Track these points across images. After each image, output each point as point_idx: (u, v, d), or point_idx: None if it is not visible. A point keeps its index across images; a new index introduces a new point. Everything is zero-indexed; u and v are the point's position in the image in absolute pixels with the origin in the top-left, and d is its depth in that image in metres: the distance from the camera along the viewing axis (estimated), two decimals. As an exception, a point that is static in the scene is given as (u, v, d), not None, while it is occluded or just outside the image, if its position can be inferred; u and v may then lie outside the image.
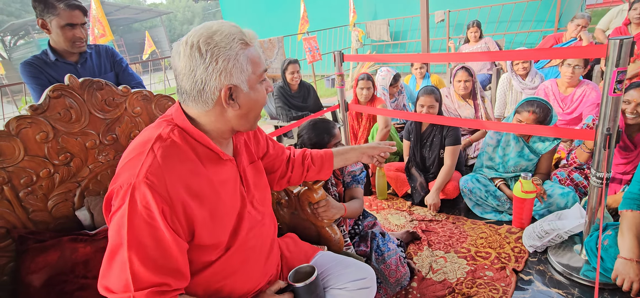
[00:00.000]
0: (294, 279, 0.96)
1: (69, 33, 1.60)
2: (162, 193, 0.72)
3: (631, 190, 1.46)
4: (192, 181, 0.78)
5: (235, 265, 0.90)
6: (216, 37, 0.76)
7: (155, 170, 0.73)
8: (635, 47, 2.80)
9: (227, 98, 0.79)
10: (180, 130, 0.81)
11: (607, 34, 3.89)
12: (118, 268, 0.71)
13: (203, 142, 0.82)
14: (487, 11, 6.64)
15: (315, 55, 5.59)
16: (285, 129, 2.59)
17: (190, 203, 0.77)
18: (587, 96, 2.43)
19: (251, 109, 0.84)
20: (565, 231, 1.68)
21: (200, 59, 0.75)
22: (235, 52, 0.77)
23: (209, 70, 0.75)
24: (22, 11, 21.80)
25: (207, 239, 0.82)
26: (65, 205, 1.07)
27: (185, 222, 0.77)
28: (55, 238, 1.00)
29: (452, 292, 1.60)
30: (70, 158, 1.05)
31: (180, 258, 0.76)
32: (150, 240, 0.71)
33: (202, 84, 0.76)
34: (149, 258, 0.71)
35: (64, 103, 1.02)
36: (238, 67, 0.78)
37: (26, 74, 1.63)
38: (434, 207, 2.25)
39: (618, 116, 1.34)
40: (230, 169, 0.90)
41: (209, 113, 0.81)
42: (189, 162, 0.79)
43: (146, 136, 0.80)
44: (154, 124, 0.85)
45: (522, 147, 2.10)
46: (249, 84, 0.81)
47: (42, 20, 1.58)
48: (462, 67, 2.72)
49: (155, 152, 0.75)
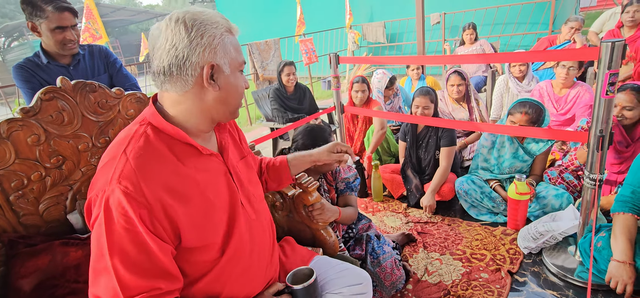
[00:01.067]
0: (292, 281, 0.95)
1: (59, 36, 1.57)
2: (138, 198, 0.69)
3: (623, 192, 1.47)
4: (171, 181, 0.75)
5: (236, 269, 0.87)
6: (203, 17, 0.75)
7: (128, 174, 0.70)
8: (628, 49, 2.84)
9: (208, 77, 0.76)
10: (154, 128, 0.78)
11: (601, 37, 3.93)
12: (104, 278, 0.69)
13: (179, 137, 0.79)
14: (482, 14, 6.69)
15: (312, 57, 5.60)
16: (281, 131, 2.59)
17: (171, 204, 0.74)
18: (581, 97, 2.45)
19: (230, 94, 0.82)
20: (559, 232, 1.69)
21: (185, 33, 0.73)
22: (221, 33, 0.77)
23: (193, 44, 0.73)
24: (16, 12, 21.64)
25: (196, 240, 0.79)
26: (56, 208, 1.06)
27: (168, 225, 0.74)
28: (46, 242, 0.98)
29: (447, 294, 1.60)
30: (62, 161, 1.04)
31: (167, 261, 0.73)
32: (131, 246, 0.69)
33: (184, 59, 0.74)
34: (133, 264, 0.69)
35: (56, 105, 1.01)
36: (222, 47, 0.77)
37: (18, 77, 1.61)
38: (429, 209, 2.26)
39: (611, 118, 1.35)
40: (215, 165, 0.86)
41: (186, 95, 0.78)
42: (166, 161, 0.76)
43: (119, 139, 0.78)
44: (127, 127, 0.82)
45: (516, 148, 2.11)
46: (230, 67, 0.80)
47: (31, 23, 1.55)
48: (455, 71, 2.73)
49: (128, 155, 0.72)
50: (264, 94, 3.89)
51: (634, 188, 1.44)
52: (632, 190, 1.44)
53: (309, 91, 3.42)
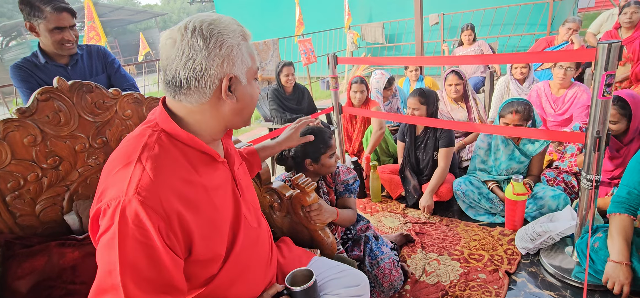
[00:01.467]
0: (291, 283, 0.94)
1: (58, 36, 1.57)
2: (157, 209, 0.66)
3: (619, 193, 1.47)
4: (186, 190, 0.72)
5: (237, 274, 0.87)
6: (219, 25, 0.72)
7: (146, 184, 0.66)
8: (625, 50, 2.85)
9: (226, 89, 0.74)
10: (167, 135, 0.75)
11: (598, 38, 3.94)
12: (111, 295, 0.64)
13: (194, 145, 0.76)
14: (480, 14, 6.70)
15: (310, 57, 5.60)
16: (279, 131, 2.59)
17: (185, 215, 0.71)
18: (578, 98, 2.46)
19: (247, 105, 0.80)
20: (556, 233, 1.69)
21: (203, 44, 0.70)
22: (238, 42, 0.74)
23: (212, 56, 0.70)
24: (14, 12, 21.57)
25: (205, 253, 0.76)
26: (53, 209, 1.05)
27: (181, 237, 0.71)
28: (42, 243, 0.98)
29: (445, 295, 1.60)
30: (58, 162, 1.04)
31: (176, 274, 0.70)
32: (144, 260, 0.65)
33: (202, 72, 0.71)
34: (143, 279, 0.65)
35: (52, 106, 1.01)
36: (240, 58, 0.75)
37: (16, 77, 1.60)
38: (427, 209, 2.26)
39: (607, 119, 1.35)
40: (223, 172, 0.85)
41: (203, 107, 0.75)
42: (181, 169, 0.73)
43: (130, 146, 0.73)
44: (136, 132, 0.77)
45: (512, 149, 2.12)
46: (247, 77, 0.78)
47: (30, 23, 1.55)
48: (453, 71, 2.74)
49: (144, 164, 0.69)
50: (263, 94, 3.88)
51: (630, 189, 1.44)
52: (628, 191, 1.45)
53: (307, 91, 3.42)
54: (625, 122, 1.76)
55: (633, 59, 2.94)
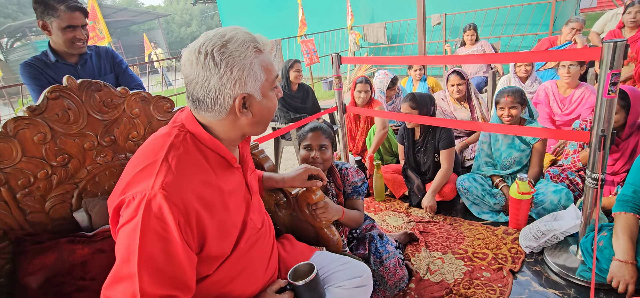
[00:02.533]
0: (294, 278, 0.95)
1: (70, 34, 1.60)
2: (179, 205, 0.71)
3: (624, 192, 1.47)
4: (204, 191, 0.77)
5: (237, 271, 0.89)
6: (230, 46, 0.74)
7: (171, 180, 0.71)
8: (629, 49, 2.85)
9: (240, 107, 0.78)
10: (192, 136, 0.80)
11: (602, 37, 3.93)
12: (125, 282, 0.68)
13: (215, 149, 0.82)
14: (483, 14, 6.70)
15: (313, 57, 5.61)
16: (283, 131, 2.60)
17: (202, 214, 0.75)
18: (586, 99, 2.46)
19: (263, 117, 0.83)
20: (561, 232, 1.69)
21: (214, 69, 0.73)
22: (250, 61, 0.76)
23: (224, 80, 0.74)
24: (19, 13, 21.70)
25: (215, 250, 0.81)
26: (62, 206, 1.07)
27: (197, 234, 0.75)
28: (52, 240, 0.99)
29: (449, 293, 1.60)
30: (68, 159, 1.05)
31: (189, 271, 0.74)
32: (161, 254, 0.69)
33: (216, 94, 0.75)
34: (158, 272, 0.69)
35: (62, 104, 1.02)
36: (252, 76, 0.77)
37: (26, 75, 1.62)
38: (430, 209, 2.26)
39: (612, 118, 1.35)
40: (237, 177, 0.89)
41: (221, 122, 0.80)
42: (202, 171, 0.78)
43: (157, 144, 0.78)
44: (163, 130, 0.83)
45: (512, 138, 2.13)
46: (262, 92, 0.80)
47: (42, 21, 1.57)
48: (454, 71, 2.75)
49: (170, 162, 0.74)
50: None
51: (636, 187, 1.44)
52: (633, 189, 1.45)
53: (312, 91, 3.44)
54: (623, 114, 1.78)
55: (637, 59, 2.94)
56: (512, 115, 2.07)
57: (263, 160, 1.37)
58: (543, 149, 2.11)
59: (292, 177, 1.21)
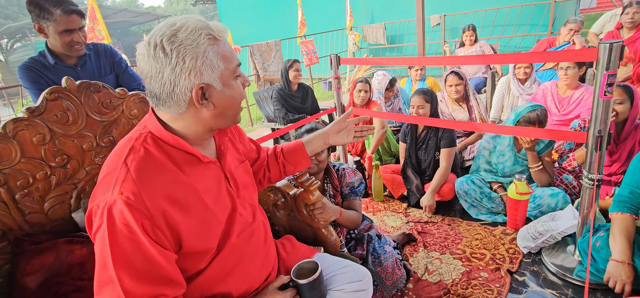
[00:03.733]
0: (297, 275, 0.94)
1: (67, 38, 1.58)
2: (140, 208, 0.70)
3: (621, 192, 1.48)
4: (172, 190, 0.75)
5: (230, 267, 0.89)
6: (180, 35, 0.71)
7: (129, 185, 0.70)
8: (626, 50, 2.85)
9: (199, 98, 0.74)
10: (154, 137, 0.78)
11: (601, 38, 3.94)
12: (109, 287, 0.69)
13: (179, 146, 0.79)
14: (482, 15, 6.71)
15: (313, 58, 5.62)
16: (282, 131, 2.60)
17: (172, 213, 0.74)
18: (585, 100, 2.46)
19: (228, 107, 0.79)
20: (558, 232, 1.70)
21: (165, 60, 0.71)
22: (203, 49, 0.72)
23: (177, 70, 0.71)
24: (20, 14, 21.71)
25: (197, 246, 0.80)
26: (61, 207, 1.07)
27: (169, 233, 0.74)
28: (51, 240, 1.00)
29: (447, 293, 1.61)
30: (67, 160, 1.06)
31: (170, 268, 0.74)
32: (136, 256, 0.70)
33: (172, 86, 0.72)
34: (137, 272, 0.70)
35: (61, 105, 1.03)
36: (208, 65, 0.73)
37: (25, 78, 1.60)
38: (429, 209, 2.27)
39: (609, 118, 1.36)
40: (214, 172, 0.86)
41: (183, 116, 0.77)
42: (166, 171, 0.76)
43: (119, 149, 0.78)
44: (127, 135, 0.81)
45: (514, 153, 2.12)
46: (222, 81, 0.76)
47: (38, 25, 1.55)
48: (452, 72, 2.76)
49: (129, 166, 0.72)
50: (266, 94, 3.91)
51: (633, 188, 1.45)
52: (630, 190, 1.45)
53: (311, 91, 3.45)
54: (629, 104, 1.80)
55: (634, 59, 2.95)
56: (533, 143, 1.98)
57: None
58: (551, 158, 2.07)
59: (330, 126, 1.17)
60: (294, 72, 3.23)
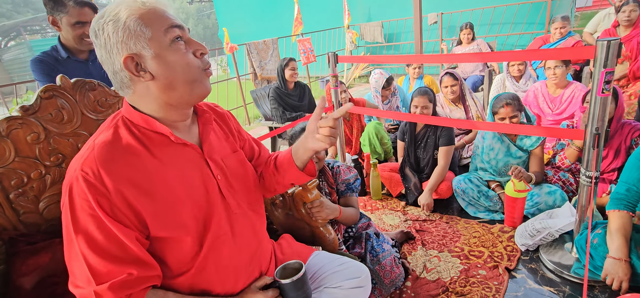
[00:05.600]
0: (281, 276, 0.93)
1: (79, 30, 1.61)
2: (97, 185, 0.71)
3: (618, 190, 1.48)
4: (135, 174, 0.75)
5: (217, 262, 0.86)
6: (105, 14, 0.72)
7: (90, 162, 0.72)
8: (623, 48, 2.86)
9: (134, 70, 0.73)
10: (125, 120, 0.80)
11: (595, 37, 3.96)
12: (77, 263, 0.72)
13: (148, 126, 0.79)
14: (479, 13, 6.72)
15: (310, 56, 5.60)
16: (279, 130, 2.59)
17: (134, 194, 0.74)
18: (577, 97, 2.47)
19: (172, 75, 0.74)
20: (556, 229, 1.70)
21: (98, 42, 0.73)
22: (123, 19, 0.70)
23: (108, 48, 0.72)
24: (13, 12, 21.51)
25: (163, 231, 0.78)
26: (56, 206, 1.06)
27: (131, 214, 0.74)
28: (46, 240, 0.99)
29: (445, 291, 1.61)
30: (62, 159, 1.04)
31: (134, 247, 0.73)
32: (97, 232, 0.71)
33: (112, 65, 0.74)
34: (100, 249, 0.71)
35: (55, 104, 1.01)
36: (130, 33, 0.71)
37: (38, 71, 1.63)
38: (427, 207, 2.27)
39: (606, 116, 1.36)
40: (190, 156, 0.84)
41: (137, 94, 0.77)
42: (132, 153, 0.76)
43: (94, 135, 0.80)
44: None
45: (507, 146, 2.13)
46: (153, 48, 0.72)
47: (52, 17, 1.59)
48: (447, 73, 2.77)
49: (95, 145, 0.75)
50: (263, 93, 3.89)
51: (629, 186, 1.45)
52: (627, 188, 1.46)
53: (308, 89, 3.44)
54: (614, 105, 1.81)
55: (631, 57, 2.96)
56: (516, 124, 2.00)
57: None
58: (542, 153, 2.09)
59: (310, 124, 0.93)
60: (290, 71, 3.21)
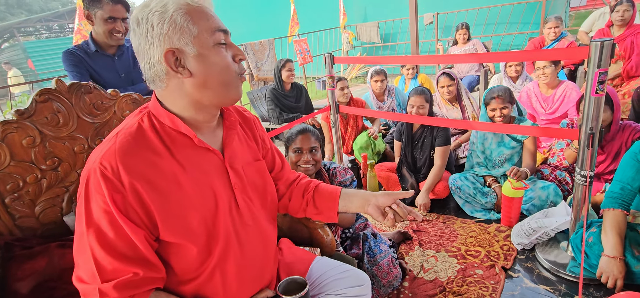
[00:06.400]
0: (284, 291, 0.91)
1: (111, 25, 1.73)
2: (113, 180, 0.70)
3: (612, 189, 1.50)
4: (152, 172, 0.73)
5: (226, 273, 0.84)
6: (152, 4, 0.72)
7: (109, 156, 0.70)
8: (617, 48, 2.89)
9: (173, 65, 0.72)
10: (151, 116, 0.78)
11: (591, 36, 3.99)
12: (84, 257, 0.71)
13: (173, 124, 0.77)
14: (474, 14, 6.75)
15: (306, 57, 5.61)
16: (276, 132, 2.59)
17: (148, 193, 0.72)
18: (568, 96, 2.50)
19: (210, 76, 0.75)
20: (552, 228, 1.72)
21: (139, 31, 0.72)
22: (171, 12, 0.70)
23: (148, 39, 0.71)
24: (7, 14, 21.31)
25: (172, 235, 0.76)
26: (53, 210, 1.05)
27: (143, 212, 0.73)
28: (42, 244, 0.98)
29: (443, 291, 1.62)
30: (58, 163, 1.04)
31: (143, 247, 0.72)
32: (108, 227, 0.70)
33: (150, 57, 0.73)
34: (109, 245, 0.70)
35: (51, 107, 1.01)
36: (176, 28, 0.71)
37: (68, 62, 1.75)
38: (424, 207, 2.28)
39: (600, 115, 1.38)
40: (211, 162, 0.83)
41: (169, 90, 0.76)
42: (151, 150, 0.75)
43: (119, 126, 0.79)
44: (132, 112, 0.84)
45: (501, 135, 2.16)
46: (197, 46, 0.72)
47: (87, 12, 1.72)
48: (443, 73, 2.78)
49: (117, 139, 0.73)
50: (260, 94, 3.89)
51: (623, 184, 1.47)
52: (621, 186, 1.47)
53: (305, 90, 3.44)
54: (610, 112, 1.82)
55: (625, 57, 2.99)
56: (504, 115, 2.08)
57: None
58: (534, 146, 2.12)
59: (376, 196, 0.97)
60: (287, 72, 3.21)
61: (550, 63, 2.47)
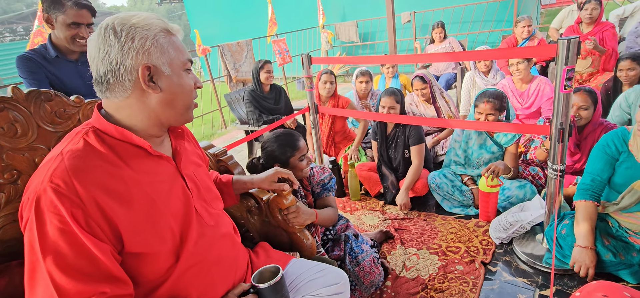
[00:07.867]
0: (259, 280, 0.92)
1: (74, 31, 1.58)
2: (71, 197, 0.67)
3: (583, 181, 1.55)
4: (111, 182, 0.72)
5: (195, 275, 0.86)
6: (133, 20, 0.73)
7: (61, 173, 0.68)
8: (588, 45, 3.00)
9: (146, 79, 0.74)
10: (96, 131, 0.76)
11: (561, 33, 4.14)
12: (41, 287, 0.65)
13: (124, 138, 0.77)
14: (450, 12, 6.89)
15: (285, 57, 5.57)
16: (256, 134, 2.55)
17: (109, 204, 0.71)
18: (542, 91, 2.58)
19: (176, 96, 0.79)
20: (527, 222, 1.76)
21: (115, 39, 0.72)
22: (155, 33, 0.74)
23: (125, 49, 0.72)
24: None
25: (140, 246, 0.75)
26: (13, 226, 0.98)
27: (105, 225, 0.71)
28: (2, 263, 0.92)
29: (425, 288, 1.63)
30: (17, 175, 0.97)
31: (108, 262, 0.69)
32: (68, 248, 0.66)
33: (118, 65, 0.72)
34: (70, 267, 0.65)
35: (7, 117, 0.94)
36: (158, 47, 0.74)
37: (24, 68, 1.58)
38: (404, 207, 2.29)
39: (569, 111, 1.42)
40: (166, 170, 0.84)
41: (129, 101, 0.76)
42: (105, 162, 0.73)
43: (60, 143, 0.77)
44: (70, 131, 0.80)
45: (484, 139, 2.19)
46: (171, 67, 0.77)
47: (47, 15, 1.56)
48: (417, 77, 2.83)
49: (64, 156, 0.70)
50: (238, 96, 3.83)
51: (593, 176, 1.52)
52: (591, 178, 1.53)
53: (284, 91, 3.40)
54: (593, 109, 1.88)
55: (594, 53, 3.11)
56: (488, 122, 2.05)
57: (232, 166, 1.33)
58: (516, 150, 2.13)
59: (261, 179, 1.17)
60: (265, 73, 3.16)
61: (523, 59, 2.54)
